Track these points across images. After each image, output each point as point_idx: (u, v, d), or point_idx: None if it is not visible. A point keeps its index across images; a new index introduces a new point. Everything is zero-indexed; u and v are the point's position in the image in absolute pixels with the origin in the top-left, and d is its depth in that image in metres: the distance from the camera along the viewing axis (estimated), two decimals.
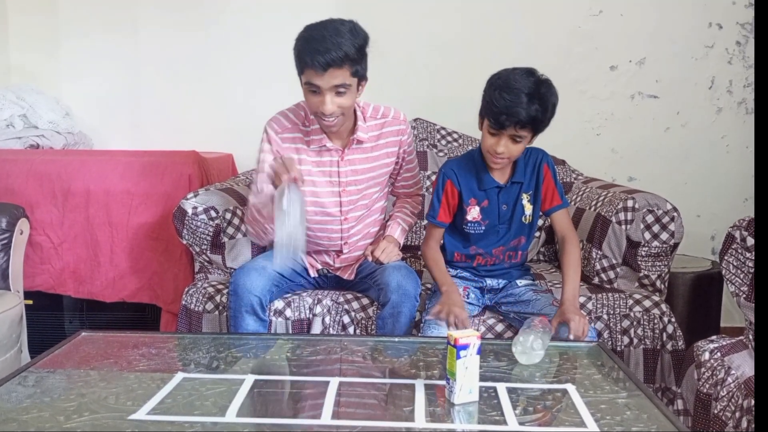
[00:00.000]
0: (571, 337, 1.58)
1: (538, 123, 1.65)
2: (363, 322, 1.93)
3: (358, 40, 1.68)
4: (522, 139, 1.68)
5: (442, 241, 1.91)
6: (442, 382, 1.24)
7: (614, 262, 2.06)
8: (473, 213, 1.83)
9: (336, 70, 1.65)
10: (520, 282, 1.91)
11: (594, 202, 2.20)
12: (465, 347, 1.18)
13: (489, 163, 1.77)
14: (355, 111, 1.87)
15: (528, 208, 1.84)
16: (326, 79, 1.66)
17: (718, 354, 1.51)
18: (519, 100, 1.60)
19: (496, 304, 1.91)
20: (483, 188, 1.82)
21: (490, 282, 1.91)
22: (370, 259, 1.91)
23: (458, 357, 1.17)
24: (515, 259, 1.91)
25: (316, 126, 1.85)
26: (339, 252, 2.01)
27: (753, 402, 1.34)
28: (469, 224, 1.84)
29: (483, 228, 1.84)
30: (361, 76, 1.74)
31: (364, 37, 1.71)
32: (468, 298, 1.87)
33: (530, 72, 1.65)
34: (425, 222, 2.43)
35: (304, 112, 1.88)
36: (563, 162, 2.58)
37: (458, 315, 1.63)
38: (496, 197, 1.82)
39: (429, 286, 1.99)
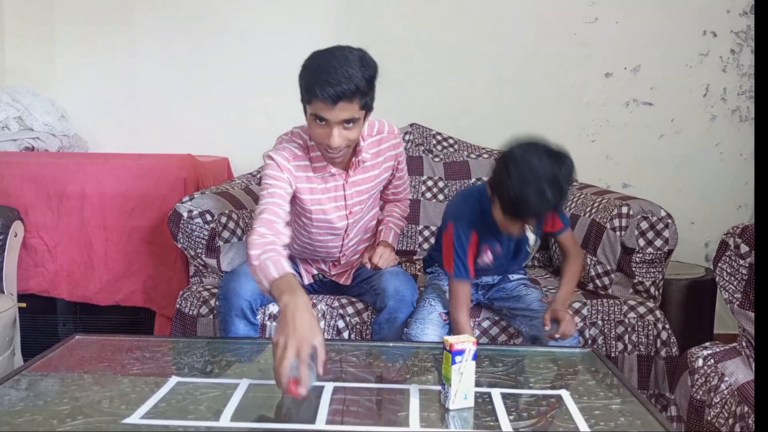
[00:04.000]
0: (558, 335, 1.63)
1: (556, 207, 1.62)
2: (358, 326, 1.93)
3: (368, 71, 1.59)
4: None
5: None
6: (437, 388, 1.24)
7: (609, 268, 2.06)
8: (486, 258, 1.79)
9: (346, 103, 1.56)
10: (513, 276, 1.93)
11: (588, 209, 2.21)
12: (460, 353, 1.18)
13: (506, 234, 1.71)
14: None
15: (531, 238, 1.82)
16: (335, 113, 1.57)
17: (712, 361, 1.51)
18: (542, 202, 1.49)
19: (488, 300, 1.92)
20: (493, 235, 1.75)
21: (485, 278, 1.93)
22: (368, 266, 1.90)
23: (453, 362, 1.17)
24: (512, 268, 1.93)
25: (317, 153, 1.78)
26: (336, 262, 2.00)
27: (746, 409, 1.34)
28: (477, 263, 1.79)
29: (491, 267, 1.83)
30: (368, 108, 1.65)
31: (374, 68, 1.61)
32: None
33: (549, 154, 1.52)
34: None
35: (302, 140, 1.79)
36: None
37: None
38: (507, 240, 1.78)
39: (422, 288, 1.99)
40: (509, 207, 1.56)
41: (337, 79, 1.52)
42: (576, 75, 2.88)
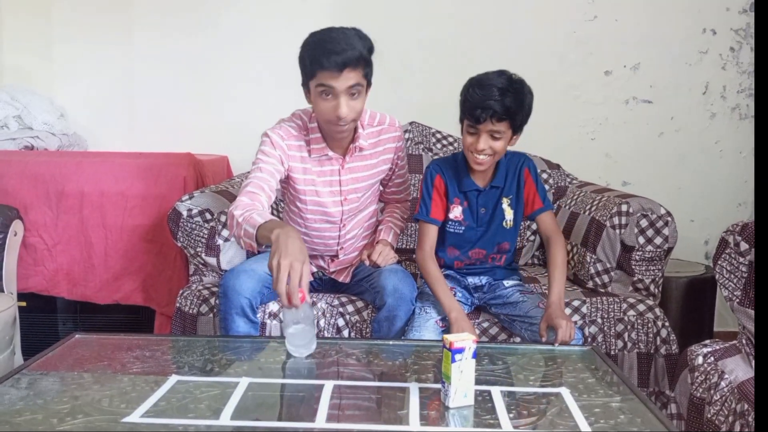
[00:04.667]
0: (557, 344, 1.59)
1: (513, 115, 1.67)
2: (358, 325, 1.93)
3: (367, 42, 1.68)
4: (501, 135, 1.69)
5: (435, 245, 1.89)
6: (437, 386, 1.24)
7: (608, 266, 2.06)
8: (455, 212, 1.84)
9: (351, 70, 1.63)
10: (507, 282, 1.91)
11: (588, 207, 2.21)
12: (460, 351, 1.18)
13: (472, 164, 1.76)
14: None
15: (509, 213, 1.85)
16: (342, 80, 1.63)
17: (712, 358, 1.51)
18: (492, 93, 1.64)
19: (485, 305, 1.92)
20: (463, 190, 1.83)
21: (471, 280, 1.92)
22: (367, 263, 1.91)
23: (453, 361, 1.17)
24: (498, 262, 1.92)
25: (316, 135, 1.83)
26: (334, 257, 2.01)
27: (746, 406, 1.34)
28: (450, 223, 1.85)
29: (462, 228, 1.85)
30: (369, 81, 1.73)
31: (370, 41, 1.70)
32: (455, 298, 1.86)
33: (502, 71, 1.70)
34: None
35: (302, 122, 1.86)
36: (558, 166, 2.58)
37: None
38: (475, 200, 1.84)
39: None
40: (465, 109, 1.70)
41: (341, 47, 1.61)
42: (575, 73, 2.88)
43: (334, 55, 1.60)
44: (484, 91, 1.65)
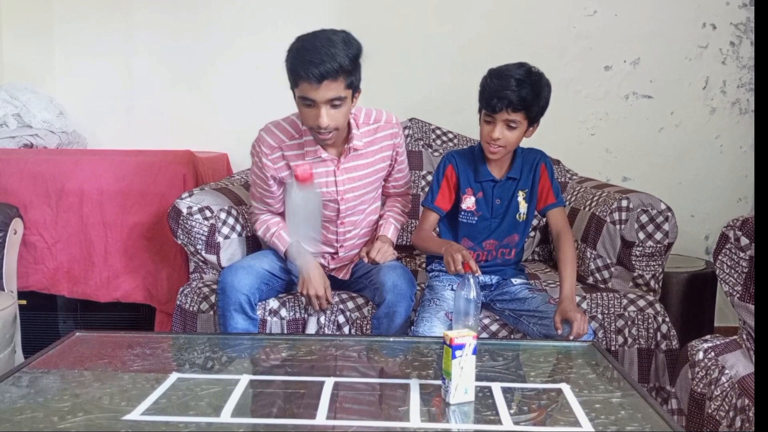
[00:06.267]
0: (572, 336, 1.59)
1: (529, 106, 1.69)
2: (358, 321, 1.93)
3: (352, 50, 1.64)
4: (516, 125, 1.71)
5: (434, 233, 1.90)
6: (438, 382, 1.24)
7: (609, 261, 2.06)
8: (468, 202, 1.85)
9: (331, 82, 1.62)
10: (515, 281, 1.92)
11: (588, 202, 2.21)
12: (461, 347, 1.18)
13: (487, 153, 1.79)
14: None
15: (523, 206, 1.86)
16: (321, 92, 1.63)
17: (712, 353, 1.51)
18: (509, 83, 1.67)
19: (490, 302, 1.92)
20: (479, 180, 1.84)
21: (481, 278, 1.92)
22: (366, 260, 1.91)
23: (454, 357, 1.17)
24: (509, 256, 1.92)
25: (309, 137, 1.82)
26: (334, 254, 2.01)
27: (747, 401, 1.35)
28: (462, 213, 1.86)
29: (475, 219, 1.86)
30: (355, 88, 1.71)
31: (358, 48, 1.67)
32: None
33: (522, 63, 1.72)
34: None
35: (295, 125, 1.86)
36: (558, 162, 2.58)
37: (463, 255, 1.61)
38: (491, 191, 1.85)
39: (423, 285, 1.99)
40: (482, 98, 1.73)
41: (320, 58, 1.58)
42: (575, 68, 2.87)
43: (312, 66, 1.58)
44: (502, 82, 1.68)
